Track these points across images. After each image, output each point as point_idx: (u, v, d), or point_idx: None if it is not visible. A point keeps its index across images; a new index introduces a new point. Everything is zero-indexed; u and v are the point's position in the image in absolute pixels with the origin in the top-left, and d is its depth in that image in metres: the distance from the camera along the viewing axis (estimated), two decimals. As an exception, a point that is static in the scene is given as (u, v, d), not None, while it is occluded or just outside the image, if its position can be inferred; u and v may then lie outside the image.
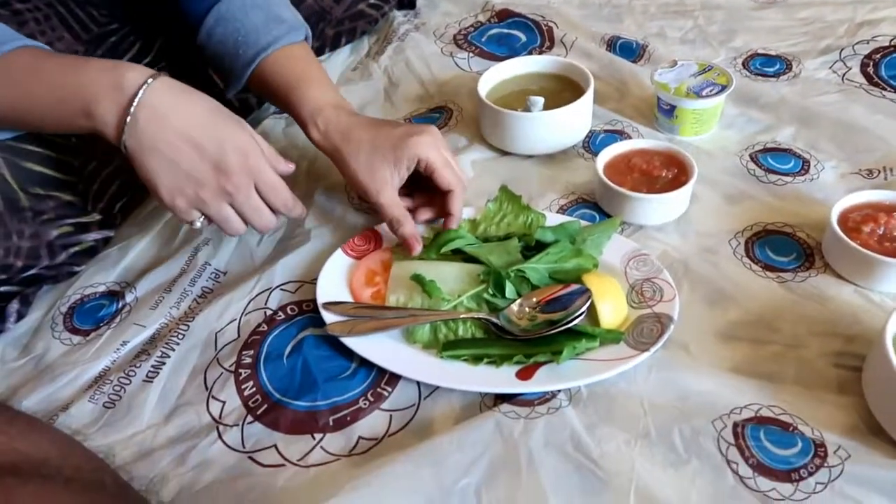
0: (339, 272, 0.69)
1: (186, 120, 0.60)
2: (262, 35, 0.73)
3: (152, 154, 0.59)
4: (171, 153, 0.59)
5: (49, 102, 0.59)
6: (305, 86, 0.72)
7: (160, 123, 0.58)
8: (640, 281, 0.65)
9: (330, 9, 1.02)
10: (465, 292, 0.65)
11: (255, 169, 0.63)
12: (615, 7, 1.12)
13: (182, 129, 0.59)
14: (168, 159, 0.59)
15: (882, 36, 0.97)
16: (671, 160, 0.76)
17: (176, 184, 0.60)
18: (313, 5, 1.00)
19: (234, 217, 0.64)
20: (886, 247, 0.64)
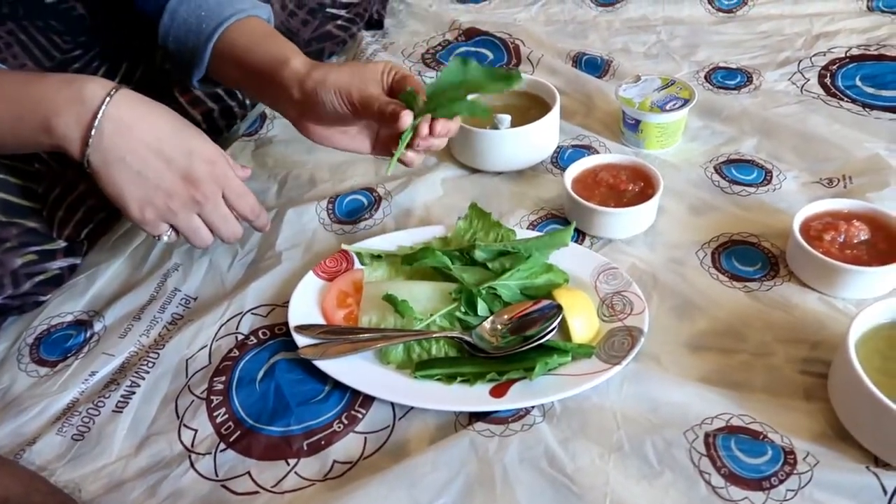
0: (311, 294, 0.69)
1: (152, 131, 0.60)
2: (226, 8, 0.70)
3: (119, 167, 0.58)
4: (139, 165, 0.59)
5: (7, 119, 0.57)
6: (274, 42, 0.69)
7: (126, 135, 0.58)
8: (611, 294, 0.66)
9: (297, 30, 1.02)
10: (438, 311, 0.65)
11: (223, 177, 0.63)
12: (580, 23, 1.14)
13: (148, 140, 0.59)
14: (135, 171, 0.59)
15: (838, 48, 1.00)
16: (637, 174, 0.77)
17: (145, 196, 0.60)
18: (279, 27, 1.00)
19: (202, 227, 0.65)
20: (847, 254, 0.65)
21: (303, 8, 0.99)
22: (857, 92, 0.92)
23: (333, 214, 0.81)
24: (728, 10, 1.12)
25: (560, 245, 0.68)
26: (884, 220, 0.67)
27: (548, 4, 1.19)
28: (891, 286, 0.65)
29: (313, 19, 1.02)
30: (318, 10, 1.03)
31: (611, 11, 1.15)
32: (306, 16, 1.00)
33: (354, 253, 0.72)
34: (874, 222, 0.67)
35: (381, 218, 0.80)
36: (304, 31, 1.02)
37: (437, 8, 1.21)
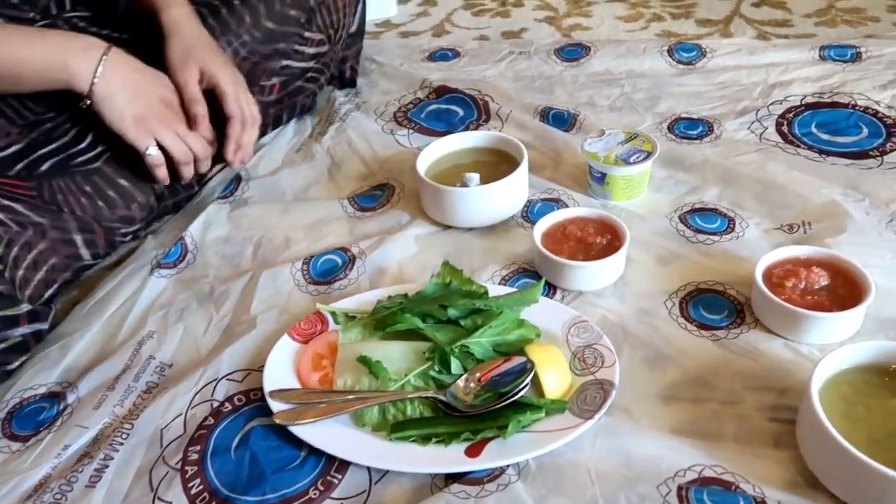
0: (286, 358, 0.69)
1: (140, 72, 0.81)
2: None
3: (118, 90, 0.77)
4: (132, 89, 0.78)
5: (35, 61, 0.74)
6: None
7: (123, 70, 0.78)
8: (582, 348, 0.67)
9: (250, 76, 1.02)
10: (412, 371, 0.65)
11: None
12: (547, 79, 1.17)
13: (136, 76, 0.80)
14: (130, 94, 0.78)
15: (793, 96, 1.04)
16: (604, 226, 0.79)
17: (139, 113, 0.78)
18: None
19: (180, 142, 0.82)
20: (808, 300, 0.67)
21: (255, 55, 0.99)
22: (813, 139, 0.95)
23: (308, 275, 0.82)
24: (688, 62, 1.16)
25: (530, 301, 0.70)
26: (842, 266, 0.69)
27: (515, 60, 1.22)
28: (853, 330, 0.67)
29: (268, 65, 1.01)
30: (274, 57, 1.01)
31: (576, 66, 1.19)
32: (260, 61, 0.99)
33: (329, 314, 0.73)
34: (833, 268, 0.70)
35: (356, 277, 0.81)
36: (258, 77, 1.00)
37: (409, 66, 1.24)
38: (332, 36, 1.07)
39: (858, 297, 0.66)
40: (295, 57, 1.03)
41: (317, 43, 1.05)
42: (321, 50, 1.06)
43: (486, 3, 1.51)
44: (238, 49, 0.97)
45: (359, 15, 1.14)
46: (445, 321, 0.69)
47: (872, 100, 1.01)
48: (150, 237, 0.90)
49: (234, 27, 0.96)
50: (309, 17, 1.02)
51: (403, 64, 1.25)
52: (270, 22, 0.98)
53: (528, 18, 1.42)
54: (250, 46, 0.99)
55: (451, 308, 0.69)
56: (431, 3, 1.53)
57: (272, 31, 0.99)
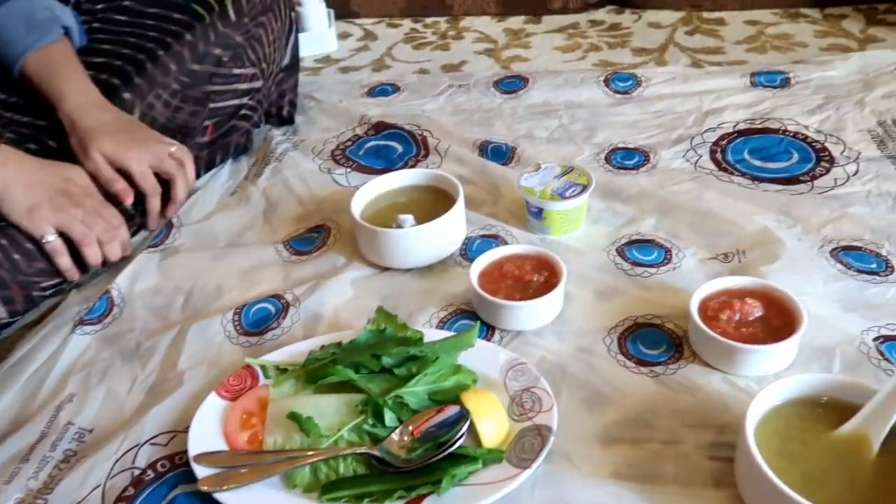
0: (213, 417, 0.66)
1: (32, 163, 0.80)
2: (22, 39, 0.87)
3: (13, 184, 0.77)
4: (27, 181, 0.78)
5: None
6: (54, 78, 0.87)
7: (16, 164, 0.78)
8: (520, 392, 0.66)
9: (185, 123, 0.99)
10: (345, 425, 0.63)
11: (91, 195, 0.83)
12: (486, 111, 1.17)
13: (31, 167, 0.80)
14: (24, 185, 0.77)
15: (726, 123, 1.06)
16: (542, 263, 0.78)
17: (33, 202, 0.78)
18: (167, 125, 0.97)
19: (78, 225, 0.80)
20: (743, 332, 0.67)
21: (188, 101, 0.98)
22: (746, 165, 0.97)
23: (240, 326, 0.79)
24: (624, 91, 1.18)
25: (467, 346, 0.68)
26: (775, 296, 0.70)
27: (455, 94, 1.22)
28: (788, 360, 0.67)
29: (203, 109, 0.99)
30: (206, 99, 1.00)
31: (514, 98, 1.19)
32: (194, 107, 0.98)
33: (259, 367, 0.70)
34: (766, 298, 0.70)
35: (290, 326, 0.78)
36: (195, 122, 0.99)
37: (348, 103, 1.23)
38: (264, 71, 1.05)
39: (792, 328, 0.66)
40: (227, 95, 1.02)
41: (249, 78, 1.03)
42: (254, 85, 1.04)
43: (426, 36, 1.52)
44: (169, 100, 0.96)
45: (291, 47, 1.13)
46: (379, 371, 0.67)
47: (801, 125, 1.03)
48: (73, 291, 0.86)
49: (160, 79, 0.95)
50: (236, 53, 1.00)
51: (342, 100, 1.24)
52: (196, 64, 0.97)
53: (467, 51, 1.43)
54: (182, 94, 0.97)
55: (385, 356, 0.67)
56: (371, 38, 1.53)
57: (199, 72, 0.97)
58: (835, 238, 0.82)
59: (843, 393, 0.58)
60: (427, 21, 1.57)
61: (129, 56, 0.95)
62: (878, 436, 0.55)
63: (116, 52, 0.95)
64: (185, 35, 0.96)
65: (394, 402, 0.64)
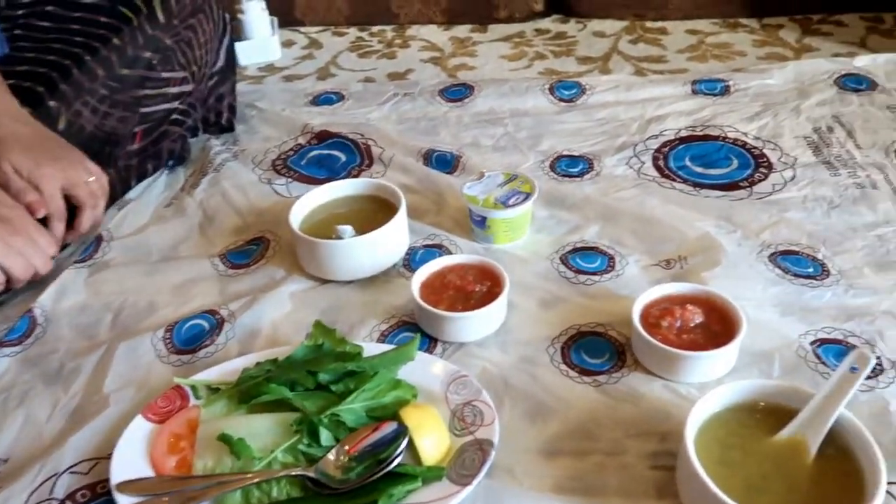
0: (139, 442, 0.62)
1: None
2: None
3: None
4: None
5: None
6: None
7: None
8: (461, 405, 0.64)
9: (115, 129, 0.96)
10: (279, 446, 0.60)
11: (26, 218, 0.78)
12: (431, 120, 1.16)
13: None
14: None
15: (668, 130, 1.07)
16: (484, 273, 0.77)
17: None
18: (96, 133, 0.93)
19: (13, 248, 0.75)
20: (684, 339, 0.67)
21: (117, 106, 0.94)
22: (687, 172, 0.98)
23: (171, 344, 0.75)
24: (569, 99, 1.18)
25: (406, 359, 0.66)
26: (716, 302, 0.70)
27: (400, 102, 1.21)
28: (729, 366, 0.67)
29: (132, 115, 0.96)
30: (136, 104, 0.96)
31: (460, 106, 1.18)
32: (123, 112, 0.95)
33: (189, 387, 0.67)
34: (707, 304, 0.70)
35: (224, 343, 0.75)
36: (125, 129, 0.96)
37: (290, 112, 1.20)
38: (195, 73, 1.02)
39: (732, 333, 0.66)
40: (157, 100, 0.98)
41: (179, 82, 1.00)
42: (185, 89, 1.01)
43: (372, 44, 1.50)
44: (97, 106, 0.92)
45: (225, 49, 1.10)
46: (315, 388, 0.64)
47: (741, 131, 1.05)
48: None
49: (87, 85, 0.91)
50: (166, 56, 0.97)
51: (285, 109, 1.21)
52: (125, 68, 0.93)
53: (413, 59, 1.42)
54: (110, 99, 0.93)
55: (322, 373, 0.64)
56: (316, 46, 1.51)
57: (128, 77, 0.94)
58: (773, 243, 0.83)
59: (780, 398, 0.58)
60: (373, 29, 1.56)
61: (53, 62, 0.91)
62: (814, 441, 0.55)
63: (40, 59, 0.91)
64: (113, 39, 0.93)
65: (330, 420, 0.61)
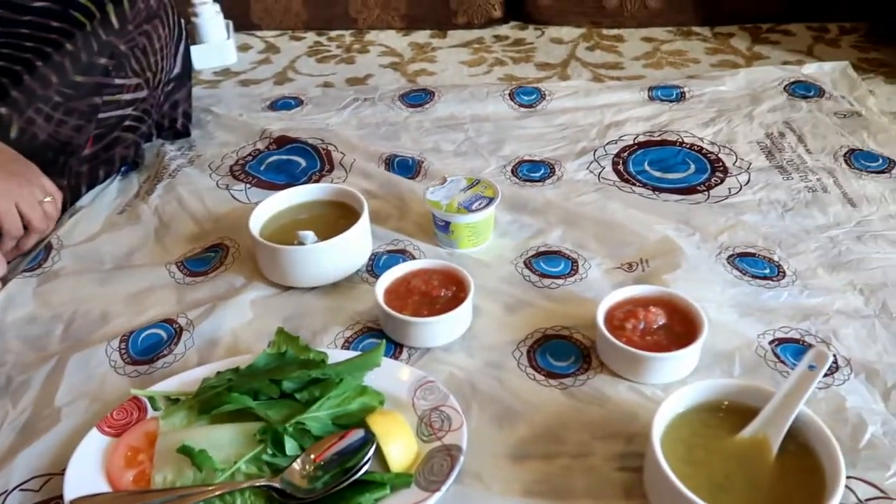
0: (94, 456, 0.60)
1: None
2: None
3: None
4: None
5: None
6: None
7: None
8: (429, 411, 0.64)
9: (69, 138, 0.93)
10: (242, 456, 0.59)
11: None
12: (392, 125, 1.15)
13: None
14: None
15: (627, 135, 1.09)
16: (449, 278, 0.77)
17: None
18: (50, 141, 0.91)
19: None
20: (648, 341, 0.68)
21: (72, 114, 0.91)
22: (646, 176, 0.99)
23: (127, 354, 0.73)
24: (529, 105, 1.19)
25: (372, 365, 0.66)
26: (678, 304, 0.71)
27: (360, 108, 1.20)
28: (692, 367, 0.69)
29: (88, 124, 0.94)
30: (92, 112, 0.94)
31: (421, 112, 1.18)
32: (78, 121, 0.92)
33: (147, 398, 0.65)
34: (669, 306, 0.71)
35: (183, 352, 0.73)
36: (80, 138, 0.94)
37: (248, 117, 1.19)
38: (150, 80, 1.00)
39: (694, 334, 0.68)
40: (111, 106, 0.96)
41: (133, 88, 0.97)
42: (138, 95, 0.99)
43: (330, 49, 1.49)
44: (51, 114, 0.89)
45: (182, 55, 1.08)
46: (279, 396, 0.63)
47: (697, 136, 1.07)
48: (-67, 323, 0.78)
49: (40, 91, 0.88)
50: (120, 63, 0.94)
51: (242, 114, 1.19)
52: (79, 75, 0.90)
53: (373, 64, 1.41)
54: (65, 106, 0.91)
55: (286, 381, 0.63)
56: (274, 51, 1.49)
57: (83, 84, 0.91)
58: (731, 245, 0.85)
59: (742, 397, 0.59)
60: (331, 34, 1.55)
61: (3, 68, 0.88)
62: (776, 438, 0.56)
63: None
64: (66, 44, 0.90)
65: (295, 428, 0.60)
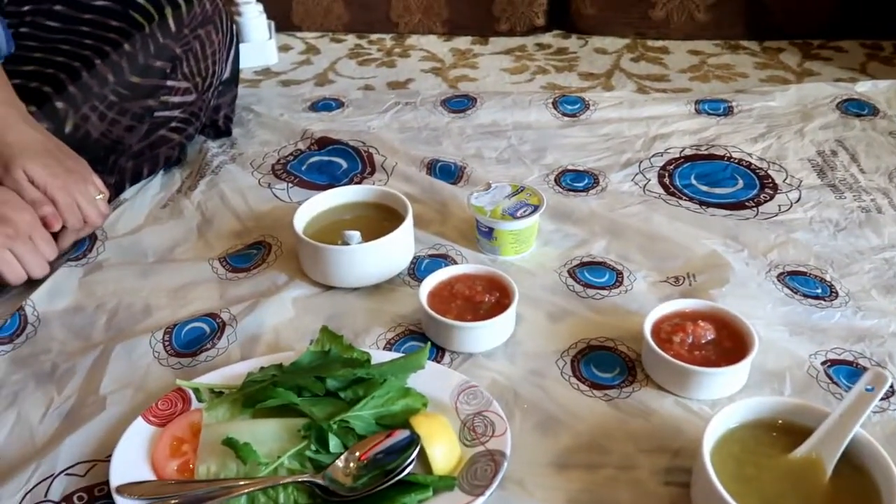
0: (140, 445, 0.62)
1: None
2: None
3: None
4: None
5: None
6: None
7: None
8: (472, 416, 0.64)
9: (121, 138, 0.97)
10: (286, 452, 0.60)
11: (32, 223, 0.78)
12: (433, 130, 1.17)
13: None
14: None
15: (673, 148, 1.09)
16: (493, 284, 0.77)
17: None
18: (101, 140, 0.94)
19: (14, 261, 0.76)
20: (696, 355, 0.68)
21: (126, 114, 0.95)
22: (693, 190, 1.00)
23: (171, 346, 0.75)
24: (572, 114, 1.20)
25: (416, 368, 0.66)
26: (727, 319, 0.71)
27: (401, 111, 1.22)
28: (740, 384, 0.68)
29: (140, 125, 0.97)
30: (145, 114, 0.97)
31: (463, 117, 1.20)
32: (131, 122, 0.96)
33: (192, 390, 0.67)
34: (718, 321, 0.71)
35: (226, 347, 0.75)
36: (131, 138, 0.97)
37: (289, 117, 1.21)
38: (199, 84, 1.03)
39: (744, 351, 0.68)
40: (158, 107, 0.99)
41: (182, 92, 1.00)
42: (187, 99, 1.01)
43: (371, 52, 1.51)
44: (105, 112, 0.92)
45: (231, 61, 1.11)
46: (323, 394, 0.64)
47: (745, 152, 1.07)
48: (-18, 308, 0.81)
49: (96, 89, 0.91)
50: (174, 66, 0.97)
51: (283, 114, 1.22)
52: (136, 76, 0.93)
53: (414, 69, 1.43)
54: (119, 106, 0.94)
55: (330, 379, 0.64)
56: (314, 52, 1.52)
57: (138, 85, 0.94)
58: (780, 263, 0.85)
59: (796, 416, 0.59)
60: (372, 37, 1.57)
61: (62, 63, 0.91)
62: (830, 460, 0.56)
63: (48, 60, 0.91)
64: (124, 44, 0.93)
65: (339, 426, 0.61)
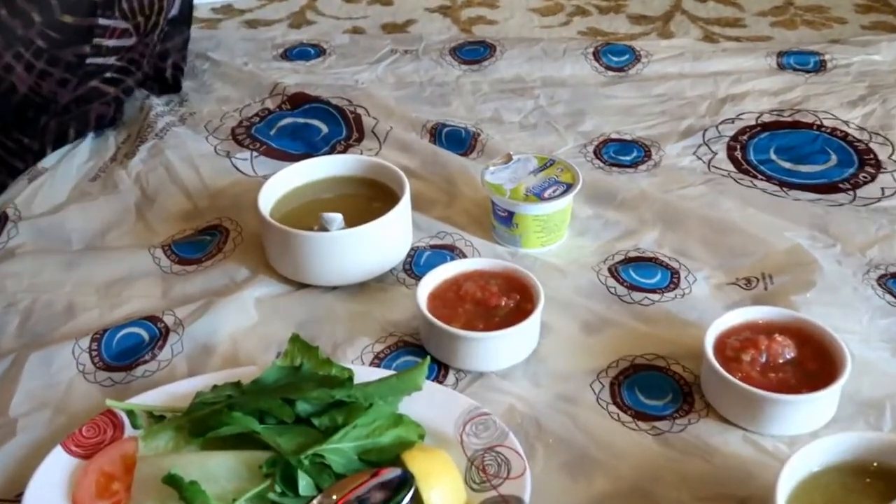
0: (59, 480, 0.63)
1: None
2: None
3: None
4: None
5: None
6: None
7: None
8: (481, 452, 0.65)
9: (54, 95, 0.98)
10: (244, 493, 0.61)
11: None
12: (439, 86, 1.18)
13: None
14: None
15: (748, 113, 1.09)
16: (512, 283, 0.78)
17: None
18: (30, 96, 0.96)
19: None
20: (771, 378, 0.68)
21: (57, 64, 0.96)
22: (772, 167, 1.00)
23: (99, 357, 0.77)
24: (618, 68, 1.20)
25: (412, 389, 0.67)
26: (811, 333, 0.71)
27: (398, 62, 1.23)
28: (828, 416, 0.69)
29: (73, 77, 0.98)
30: (78, 64, 0.99)
31: (477, 70, 1.20)
32: (64, 74, 0.97)
33: (125, 413, 0.68)
34: (800, 335, 0.71)
35: (169, 359, 0.77)
36: (63, 94, 0.99)
37: (255, 67, 1.22)
38: (141, 25, 1.04)
39: (832, 374, 0.68)
40: (90, 53, 1.00)
41: (119, 33, 1.01)
42: (124, 43, 1.03)
43: (362, -15, 1.52)
44: (32, 62, 0.94)
45: None
46: (293, 421, 0.65)
47: (840, 119, 1.07)
48: None
49: (20, 32, 0.93)
50: (109, 1, 0.98)
51: (248, 63, 1.24)
52: (66, 14, 0.94)
53: (416, 7, 1.44)
54: (49, 54, 0.95)
55: (301, 402, 0.65)
56: (289, -16, 1.52)
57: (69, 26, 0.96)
58: (883, 263, 0.85)
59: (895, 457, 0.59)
60: (364, -35, 1.58)
61: None
62: (940, 512, 0.56)
63: None
64: None
65: (311, 462, 0.62)
